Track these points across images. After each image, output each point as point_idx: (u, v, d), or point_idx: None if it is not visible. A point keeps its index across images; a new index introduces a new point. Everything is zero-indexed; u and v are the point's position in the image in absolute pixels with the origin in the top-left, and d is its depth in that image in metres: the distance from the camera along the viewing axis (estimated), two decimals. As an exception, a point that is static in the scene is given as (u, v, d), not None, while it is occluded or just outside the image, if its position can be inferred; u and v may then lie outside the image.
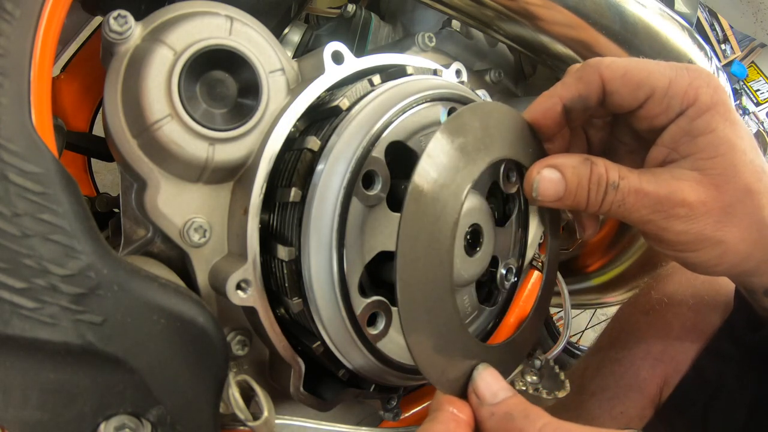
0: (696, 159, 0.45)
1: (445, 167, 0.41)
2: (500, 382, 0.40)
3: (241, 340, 0.51)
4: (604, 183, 0.45)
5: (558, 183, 0.46)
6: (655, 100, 0.46)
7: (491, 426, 0.38)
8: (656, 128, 0.48)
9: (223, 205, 0.49)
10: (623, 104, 0.47)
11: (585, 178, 0.46)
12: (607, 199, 0.46)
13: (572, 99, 0.47)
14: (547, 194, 0.46)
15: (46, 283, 0.35)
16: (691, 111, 0.45)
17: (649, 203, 0.45)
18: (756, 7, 1.37)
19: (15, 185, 0.34)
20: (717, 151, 0.45)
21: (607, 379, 0.79)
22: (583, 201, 0.46)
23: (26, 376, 0.35)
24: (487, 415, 0.38)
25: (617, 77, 0.46)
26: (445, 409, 0.39)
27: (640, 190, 0.45)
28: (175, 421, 0.40)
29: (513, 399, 0.39)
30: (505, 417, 0.37)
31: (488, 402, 0.39)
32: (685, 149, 0.46)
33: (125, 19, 0.44)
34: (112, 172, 1.27)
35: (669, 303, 0.79)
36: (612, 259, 1.08)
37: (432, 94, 0.49)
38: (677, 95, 0.45)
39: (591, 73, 0.47)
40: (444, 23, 0.74)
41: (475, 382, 0.41)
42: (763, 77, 4.29)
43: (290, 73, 0.51)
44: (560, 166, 0.46)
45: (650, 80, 0.45)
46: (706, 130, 0.45)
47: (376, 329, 0.48)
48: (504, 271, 0.58)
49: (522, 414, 0.37)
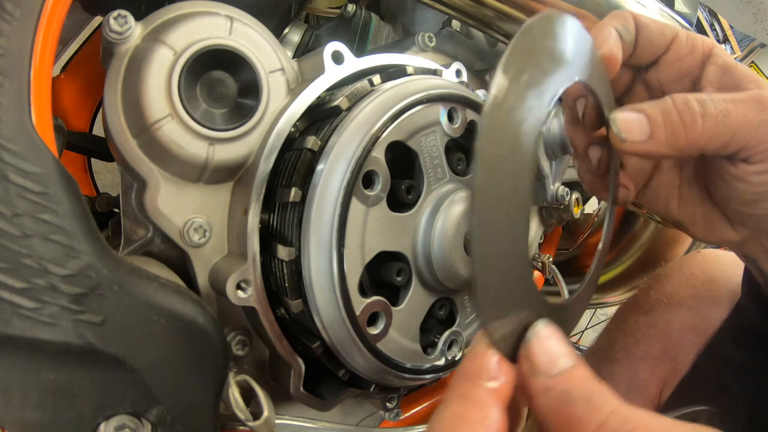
0: (747, 83, 0.46)
1: (533, 66, 0.34)
2: (563, 346, 0.31)
3: (241, 340, 0.51)
4: (695, 101, 0.41)
5: (642, 121, 0.41)
6: (680, 41, 0.47)
7: (544, 405, 0.30)
8: (684, 73, 0.48)
9: (223, 205, 0.49)
10: (654, 42, 0.48)
11: (669, 105, 0.41)
12: (709, 113, 0.41)
13: (619, 27, 0.47)
14: (632, 134, 0.41)
15: (46, 283, 0.35)
16: (717, 50, 0.47)
17: (753, 105, 0.42)
18: (756, 7, 1.37)
19: (15, 185, 0.34)
20: (750, 78, 0.46)
21: (606, 380, 0.79)
22: (678, 128, 0.41)
23: (26, 376, 0.35)
24: (540, 389, 0.30)
25: (645, 17, 0.48)
26: (480, 385, 0.30)
27: (735, 98, 0.42)
28: (175, 421, 0.40)
29: (576, 372, 0.30)
30: (562, 397, 0.29)
31: (545, 372, 0.30)
32: (731, 81, 0.46)
33: (125, 19, 0.44)
34: (112, 172, 1.27)
35: (668, 303, 0.79)
36: (612, 259, 1.08)
37: (432, 94, 0.49)
38: (697, 39, 0.47)
39: (623, 12, 0.48)
40: (444, 23, 0.74)
41: (530, 342, 0.31)
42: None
43: (290, 73, 0.51)
44: (638, 107, 0.42)
45: (671, 26, 0.48)
46: (737, 65, 0.46)
47: (376, 329, 0.48)
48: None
49: (584, 396, 0.29)
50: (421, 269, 0.50)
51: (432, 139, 0.50)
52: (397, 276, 0.49)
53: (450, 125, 0.51)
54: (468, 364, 0.31)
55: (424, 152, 0.50)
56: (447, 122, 0.50)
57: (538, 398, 0.30)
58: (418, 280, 0.50)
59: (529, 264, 0.34)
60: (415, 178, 0.51)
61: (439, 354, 0.53)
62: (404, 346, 0.50)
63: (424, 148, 0.50)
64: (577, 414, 0.29)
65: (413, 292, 0.50)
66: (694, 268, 0.80)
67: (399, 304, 0.49)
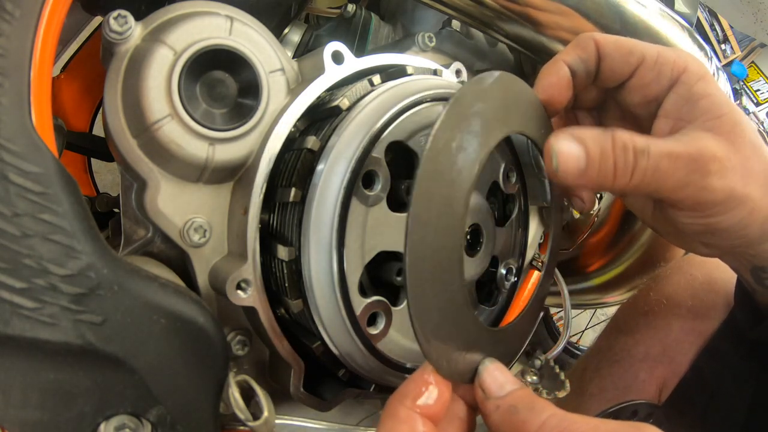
0: (704, 121, 0.45)
1: (463, 131, 0.39)
2: (506, 375, 0.39)
3: (241, 340, 0.51)
4: (631, 150, 0.42)
5: (579, 154, 0.42)
6: (647, 66, 0.47)
7: (495, 419, 0.37)
8: (649, 99, 0.48)
9: (223, 205, 0.49)
10: (616, 70, 0.47)
11: (608, 146, 0.42)
12: (639, 167, 0.42)
13: (575, 61, 0.48)
14: (568, 167, 0.42)
15: (46, 283, 0.35)
16: (685, 77, 0.46)
17: (684, 164, 0.43)
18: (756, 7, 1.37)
19: (15, 185, 0.34)
20: (721, 110, 0.45)
21: (606, 381, 0.79)
22: (609, 172, 0.42)
23: (26, 376, 0.35)
24: (492, 408, 0.37)
25: (610, 43, 0.47)
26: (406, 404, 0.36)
27: (672, 152, 0.43)
28: (175, 421, 0.40)
29: (519, 392, 0.38)
30: (509, 410, 0.36)
31: (494, 395, 0.38)
32: (689, 115, 0.46)
33: (125, 19, 0.44)
34: (112, 172, 1.27)
35: (668, 304, 0.79)
36: (612, 259, 1.08)
37: (432, 94, 0.49)
38: (667, 63, 0.46)
39: (586, 39, 0.48)
40: (444, 23, 0.74)
41: (481, 376, 0.39)
42: (763, 77, 4.29)
43: (290, 73, 0.51)
44: (579, 136, 0.43)
45: (640, 48, 0.47)
46: (704, 94, 0.45)
47: (376, 329, 0.48)
48: (504, 271, 0.58)
49: (527, 406, 0.36)
50: (421, 269, 0.50)
51: (432, 139, 0.50)
52: (397, 276, 0.49)
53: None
54: (400, 387, 0.37)
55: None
56: (447, 122, 0.50)
57: (491, 415, 0.37)
58: (417, 280, 0.50)
59: (466, 296, 0.40)
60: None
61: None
62: (404, 346, 0.50)
63: (424, 148, 0.50)
64: (521, 419, 0.35)
65: (413, 293, 0.50)
66: (693, 270, 0.81)
67: (399, 304, 0.49)
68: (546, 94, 0.48)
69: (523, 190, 0.58)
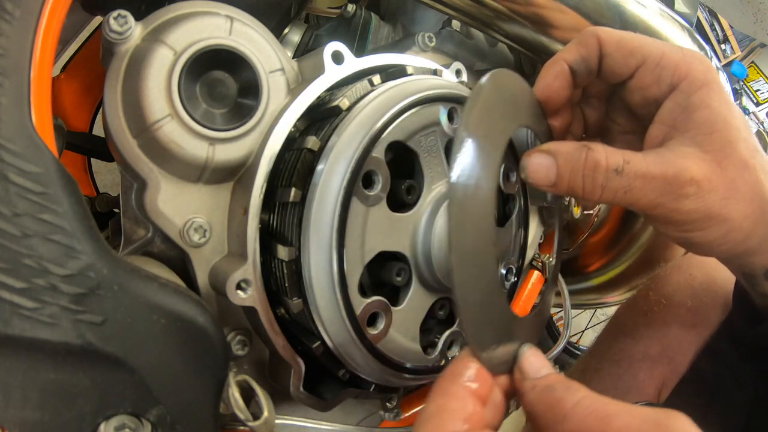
0: (695, 135, 0.45)
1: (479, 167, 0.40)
2: (543, 360, 0.40)
3: (241, 340, 0.51)
4: (602, 170, 0.44)
5: (549, 168, 0.45)
6: (647, 68, 0.46)
7: (532, 398, 0.38)
8: (649, 101, 0.48)
9: (223, 205, 0.49)
10: (616, 70, 0.47)
11: (579, 164, 0.44)
12: (611, 186, 0.44)
13: (575, 60, 0.48)
14: (537, 178, 0.45)
15: (46, 283, 0.35)
16: (685, 85, 0.46)
17: (658, 186, 0.44)
18: (756, 7, 1.38)
19: (15, 185, 0.34)
20: (714, 127, 0.45)
21: (605, 381, 0.79)
22: (578, 188, 0.45)
23: (26, 376, 0.35)
24: (529, 387, 0.38)
25: (613, 41, 0.47)
26: (460, 383, 0.37)
27: (647, 173, 0.44)
28: (175, 421, 0.40)
29: (555, 375, 0.39)
30: (545, 389, 0.37)
31: (532, 376, 0.39)
32: (683, 125, 0.46)
33: (125, 19, 0.44)
34: (112, 172, 1.27)
35: (667, 304, 0.79)
36: (612, 259, 1.08)
37: (432, 94, 0.49)
38: (668, 67, 0.46)
39: (589, 36, 0.48)
40: (444, 23, 0.74)
41: (520, 359, 0.40)
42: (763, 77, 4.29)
43: (290, 73, 0.51)
44: (554, 151, 0.45)
45: (642, 49, 0.46)
46: (701, 106, 0.45)
47: (376, 329, 0.48)
48: (504, 271, 0.58)
49: (563, 386, 0.37)
50: (421, 269, 0.50)
51: (432, 139, 0.50)
52: (397, 276, 0.49)
53: (450, 125, 0.51)
54: (451, 367, 0.39)
55: (424, 152, 0.50)
56: (447, 122, 0.50)
57: (528, 394, 0.38)
58: (418, 280, 0.50)
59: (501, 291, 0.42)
60: (415, 178, 0.51)
61: (439, 354, 0.53)
62: (404, 346, 0.50)
63: (424, 148, 0.50)
64: (557, 397, 0.36)
65: (413, 292, 0.50)
66: (693, 269, 0.81)
67: (399, 304, 0.49)
68: (544, 94, 0.49)
69: (523, 190, 0.58)
